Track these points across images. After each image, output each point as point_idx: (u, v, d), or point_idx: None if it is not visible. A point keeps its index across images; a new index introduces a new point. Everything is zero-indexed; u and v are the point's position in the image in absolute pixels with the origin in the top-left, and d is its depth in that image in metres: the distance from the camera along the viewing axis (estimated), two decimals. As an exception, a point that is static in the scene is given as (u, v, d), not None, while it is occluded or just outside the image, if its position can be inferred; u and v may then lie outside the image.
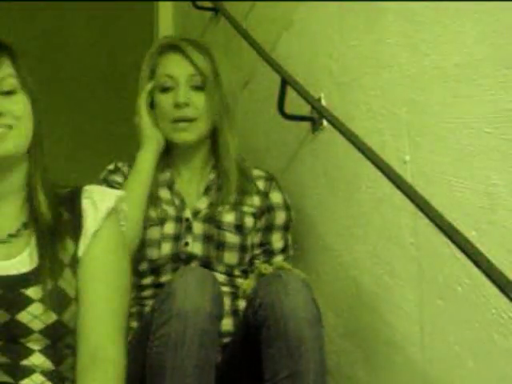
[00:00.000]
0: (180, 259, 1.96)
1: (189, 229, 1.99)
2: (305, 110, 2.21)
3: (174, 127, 2.04)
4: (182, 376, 1.59)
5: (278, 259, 2.05)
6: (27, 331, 1.43)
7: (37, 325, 1.43)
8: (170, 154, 2.10)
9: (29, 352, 1.43)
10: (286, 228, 2.09)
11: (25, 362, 1.43)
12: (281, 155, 2.40)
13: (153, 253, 1.96)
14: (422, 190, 1.64)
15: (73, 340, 1.47)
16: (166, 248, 1.96)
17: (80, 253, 1.50)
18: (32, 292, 1.44)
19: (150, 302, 1.91)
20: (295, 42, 2.38)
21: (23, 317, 1.42)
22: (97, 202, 1.54)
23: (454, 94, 1.70)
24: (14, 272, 1.46)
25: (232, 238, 2.00)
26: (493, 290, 1.36)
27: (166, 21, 3.50)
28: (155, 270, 1.96)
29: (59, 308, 1.44)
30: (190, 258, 1.97)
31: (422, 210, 1.58)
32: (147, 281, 1.97)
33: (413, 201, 1.62)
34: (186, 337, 1.59)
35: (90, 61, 3.32)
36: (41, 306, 1.43)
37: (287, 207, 2.10)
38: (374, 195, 1.96)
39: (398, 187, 1.67)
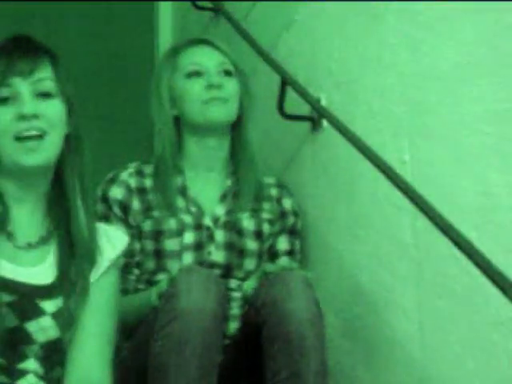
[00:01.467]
0: None
1: (211, 237, 1.96)
2: (305, 109, 2.21)
3: (206, 107, 2.00)
4: (186, 376, 1.58)
5: (282, 260, 2.03)
6: (30, 341, 1.44)
7: (40, 337, 1.44)
8: (183, 154, 2.05)
9: (25, 357, 1.44)
10: (291, 232, 2.07)
11: (21, 366, 1.44)
12: (281, 155, 2.40)
13: (173, 264, 1.92)
14: (422, 190, 1.63)
15: (63, 358, 1.49)
16: (188, 258, 1.93)
17: (92, 279, 1.52)
18: (46, 305, 1.45)
19: None
20: (295, 41, 2.38)
21: (31, 326, 1.43)
22: (112, 239, 1.57)
23: (454, 94, 1.70)
24: (32, 281, 1.46)
25: (252, 244, 1.99)
26: (493, 290, 1.36)
27: (166, 21, 3.50)
28: None
29: (65, 326, 1.46)
30: (213, 266, 1.93)
31: (422, 209, 1.58)
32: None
33: (413, 201, 1.62)
34: (189, 337, 1.59)
35: (89, 61, 3.32)
36: (50, 320, 1.45)
37: (295, 213, 2.09)
38: (374, 195, 1.96)
39: (398, 187, 1.67)
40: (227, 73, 2.05)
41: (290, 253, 2.06)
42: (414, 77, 1.84)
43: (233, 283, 1.93)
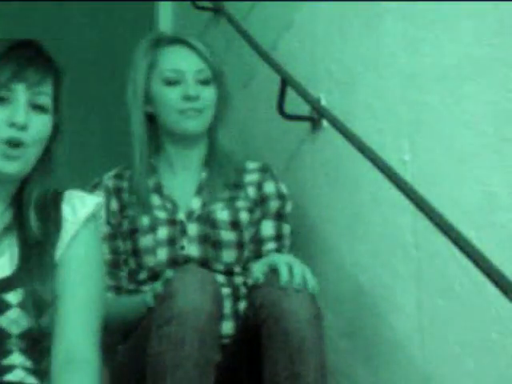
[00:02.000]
0: (177, 263, 1.93)
1: (183, 231, 1.97)
2: (305, 109, 2.21)
3: (182, 118, 2.00)
4: (182, 376, 1.58)
5: (269, 247, 2.01)
6: (6, 335, 1.43)
7: (15, 329, 1.44)
8: (159, 155, 2.06)
9: (8, 352, 1.44)
10: (278, 216, 2.04)
11: (5, 362, 1.44)
12: (281, 155, 2.40)
13: (149, 260, 1.94)
14: (422, 189, 1.64)
15: (49, 347, 1.48)
16: (162, 254, 1.94)
17: (57, 256, 1.50)
18: (10, 297, 1.44)
19: None
20: (295, 41, 2.38)
21: (2, 321, 1.43)
22: (76, 207, 1.54)
23: (454, 94, 1.70)
24: None
25: (228, 235, 1.97)
26: (493, 289, 1.36)
27: (166, 21, 3.50)
28: (154, 277, 1.93)
29: (37, 313, 1.45)
30: (188, 261, 1.94)
31: (422, 209, 1.58)
32: (147, 288, 1.94)
33: (413, 201, 1.62)
34: (185, 337, 1.59)
35: (89, 61, 3.32)
36: (19, 310, 1.44)
37: (280, 196, 2.06)
38: (374, 195, 1.96)
39: (398, 187, 1.67)
40: (204, 82, 2.03)
41: (277, 238, 2.03)
42: (414, 77, 1.84)
43: (220, 278, 1.92)
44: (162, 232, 1.96)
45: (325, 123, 2.15)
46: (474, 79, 1.65)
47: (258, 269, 1.76)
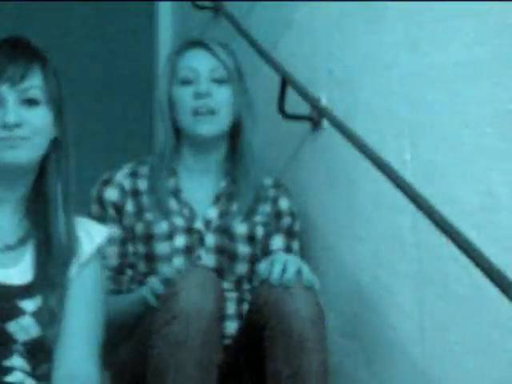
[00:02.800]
0: None
1: (201, 241, 1.95)
2: (305, 109, 2.21)
3: (194, 120, 1.98)
4: (184, 376, 1.58)
5: None
6: (11, 341, 1.44)
7: (22, 336, 1.45)
8: (179, 157, 2.04)
9: (9, 355, 1.45)
10: (288, 233, 2.04)
11: (6, 363, 1.44)
12: (281, 155, 2.40)
13: (164, 268, 1.91)
14: (422, 190, 1.64)
15: (49, 355, 1.49)
16: (178, 263, 1.92)
17: (71, 274, 1.52)
18: (25, 304, 1.45)
19: None
20: (295, 41, 2.38)
21: (12, 327, 1.44)
22: (92, 233, 1.56)
23: (454, 94, 1.70)
24: (10, 282, 1.46)
25: (244, 249, 1.97)
26: (493, 289, 1.36)
27: (166, 21, 3.50)
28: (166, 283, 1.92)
29: (47, 324, 1.46)
30: None
31: (422, 209, 1.58)
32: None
33: (413, 201, 1.62)
34: (188, 337, 1.59)
35: (89, 61, 3.32)
36: (31, 319, 1.45)
37: (291, 214, 2.07)
38: (374, 195, 1.96)
39: (398, 187, 1.67)
40: (218, 80, 2.02)
41: (286, 251, 2.02)
42: (414, 77, 1.84)
43: (225, 285, 1.91)
44: (180, 240, 1.94)
45: (325, 123, 2.15)
46: (474, 79, 1.65)
47: (262, 267, 1.76)
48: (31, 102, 1.49)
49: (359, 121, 2.01)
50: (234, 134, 2.05)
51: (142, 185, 2.00)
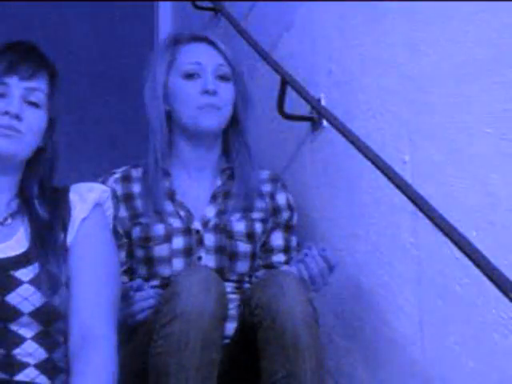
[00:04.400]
0: None
1: (200, 241, 1.94)
2: (305, 109, 2.21)
3: (198, 114, 1.97)
4: (185, 376, 1.58)
5: (278, 259, 2.02)
6: (16, 313, 1.45)
7: (26, 307, 1.46)
8: (174, 156, 2.02)
9: (21, 340, 1.46)
10: (286, 227, 2.04)
11: (18, 351, 1.45)
12: (281, 155, 2.40)
13: (164, 271, 1.90)
14: (421, 190, 1.64)
15: (64, 326, 1.50)
16: (178, 264, 1.90)
17: (69, 240, 1.56)
18: (22, 274, 1.48)
19: None
20: (295, 42, 2.38)
21: (12, 298, 1.45)
22: (83, 194, 1.61)
23: (454, 94, 1.70)
24: (2, 255, 1.50)
25: (244, 247, 1.95)
26: (493, 289, 1.36)
27: (166, 21, 3.50)
28: (167, 286, 1.89)
29: (49, 291, 1.48)
30: None
31: (421, 210, 1.58)
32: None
33: (413, 201, 1.62)
34: (189, 337, 1.59)
35: (89, 61, 3.32)
36: (30, 287, 1.47)
37: (289, 207, 2.05)
38: (374, 195, 1.96)
39: (398, 187, 1.67)
40: (224, 77, 2.01)
41: (286, 250, 2.03)
42: (414, 77, 1.84)
43: (227, 286, 1.91)
44: (178, 241, 1.92)
45: (325, 123, 2.15)
46: (474, 79, 1.65)
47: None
48: (33, 104, 1.57)
49: (359, 121, 2.01)
50: (230, 132, 2.04)
51: (136, 188, 1.99)
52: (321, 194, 2.19)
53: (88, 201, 1.60)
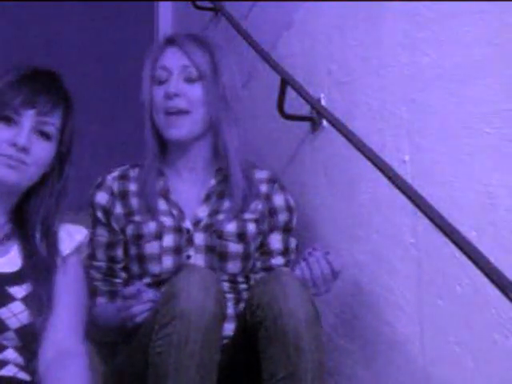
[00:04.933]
0: None
1: (190, 240, 1.94)
2: (305, 110, 2.21)
3: (166, 121, 1.96)
4: (185, 376, 1.58)
5: (277, 261, 2.02)
6: (3, 328, 1.48)
7: (13, 323, 1.49)
8: (165, 158, 2.03)
9: (2, 347, 1.49)
10: (285, 230, 2.03)
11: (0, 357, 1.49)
12: (281, 155, 2.40)
13: (154, 268, 1.91)
14: (421, 190, 1.64)
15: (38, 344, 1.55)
16: (168, 262, 1.91)
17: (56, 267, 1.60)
18: (15, 291, 1.51)
19: None
20: (295, 41, 2.38)
21: (3, 313, 1.48)
22: (72, 234, 1.67)
23: (454, 94, 1.70)
24: None
25: (235, 247, 1.95)
26: (493, 290, 1.36)
27: (166, 21, 3.50)
28: (158, 283, 1.92)
29: (36, 311, 1.52)
30: None
31: (421, 210, 1.58)
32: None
33: (413, 201, 1.62)
34: (189, 337, 1.59)
35: (89, 61, 3.32)
36: (21, 305, 1.50)
37: (288, 208, 2.04)
38: (374, 195, 1.96)
39: (398, 187, 1.67)
40: (189, 79, 1.97)
41: (285, 252, 2.02)
42: (414, 77, 1.84)
43: (224, 285, 1.91)
44: (168, 239, 1.92)
45: (325, 123, 2.15)
46: (474, 79, 1.65)
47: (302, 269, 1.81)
48: (43, 135, 1.57)
49: (359, 121, 2.01)
50: (213, 133, 2.01)
51: (132, 187, 2.00)
52: (320, 193, 2.20)
53: (75, 240, 1.66)
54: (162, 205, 1.97)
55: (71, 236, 1.65)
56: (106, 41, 3.40)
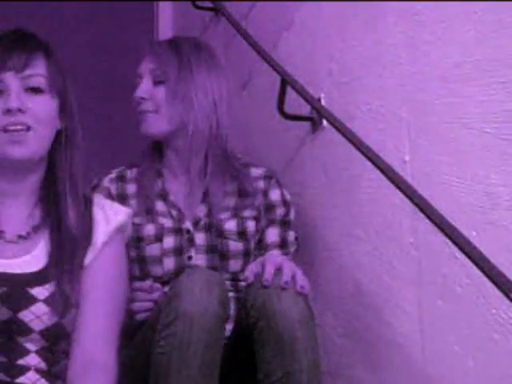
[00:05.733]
0: None
1: (191, 241, 1.95)
2: (305, 110, 2.21)
3: (140, 119, 2.03)
4: (187, 376, 1.58)
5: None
6: (27, 330, 1.43)
7: (37, 325, 1.44)
8: (162, 159, 2.04)
9: (25, 352, 1.44)
10: (282, 223, 2.03)
11: (20, 362, 1.44)
12: (281, 155, 2.40)
13: (156, 270, 1.92)
14: (421, 190, 1.63)
15: (68, 345, 1.49)
16: (169, 264, 1.92)
17: (87, 261, 1.52)
18: (37, 292, 1.45)
19: None
20: (295, 42, 2.38)
21: (25, 316, 1.43)
22: (109, 215, 1.57)
23: (454, 94, 1.70)
24: (20, 271, 1.46)
25: (235, 245, 1.96)
26: (493, 290, 1.36)
27: (166, 21, 3.50)
28: (161, 285, 1.92)
29: (61, 311, 1.45)
30: None
31: (421, 210, 1.58)
32: None
33: (413, 201, 1.62)
34: (191, 337, 1.59)
35: (89, 61, 3.32)
36: (44, 306, 1.44)
37: (285, 202, 2.05)
38: (374, 195, 1.96)
39: (398, 187, 1.67)
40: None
41: (282, 245, 2.01)
42: (414, 77, 1.84)
43: (226, 283, 1.91)
44: (168, 241, 1.93)
45: (325, 123, 2.15)
46: (474, 79, 1.65)
47: (250, 268, 1.75)
48: (35, 90, 1.51)
49: (359, 121, 2.01)
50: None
51: (130, 189, 2.01)
52: (320, 193, 2.19)
53: (112, 224, 1.56)
54: (160, 206, 1.97)
55: (107, 217, 1.56)
56: (105, 41, 3.40)
